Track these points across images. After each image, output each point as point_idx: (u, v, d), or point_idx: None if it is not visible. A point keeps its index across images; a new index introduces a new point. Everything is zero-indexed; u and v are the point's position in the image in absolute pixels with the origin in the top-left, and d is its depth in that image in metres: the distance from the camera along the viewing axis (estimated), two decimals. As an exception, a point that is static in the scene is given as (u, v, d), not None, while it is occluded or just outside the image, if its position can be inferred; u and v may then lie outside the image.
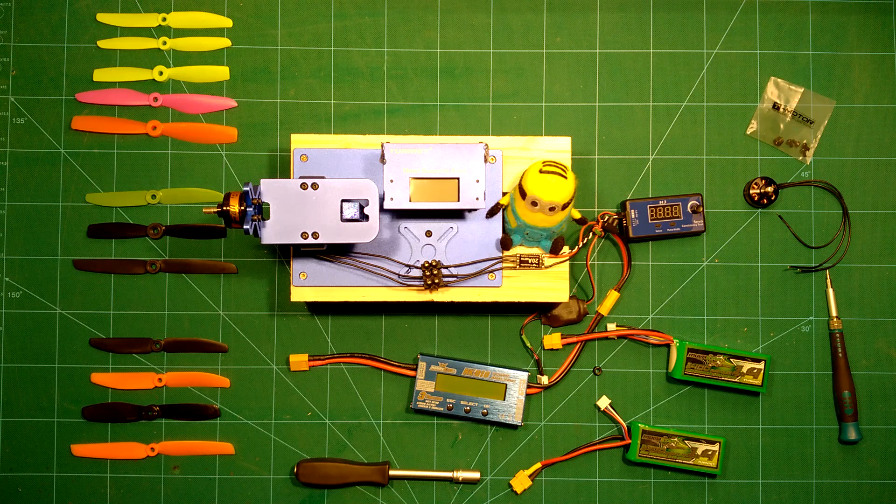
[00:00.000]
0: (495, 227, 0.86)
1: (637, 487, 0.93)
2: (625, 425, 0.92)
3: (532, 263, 0.86)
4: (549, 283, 0.86)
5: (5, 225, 0.94)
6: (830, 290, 0.94)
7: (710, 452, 0.92)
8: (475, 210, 0.85)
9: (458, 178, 0.81)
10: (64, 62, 0.94)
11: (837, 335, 0.93)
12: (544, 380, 0.93)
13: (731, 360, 0.92)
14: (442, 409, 0.91)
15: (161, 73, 0.94)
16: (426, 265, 0.84)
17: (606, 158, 0.95)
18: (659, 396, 0.94)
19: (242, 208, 0.77)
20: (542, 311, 0.93)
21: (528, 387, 0.92)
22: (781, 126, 0.95)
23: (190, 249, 0.94)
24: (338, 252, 0.85)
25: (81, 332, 0.93)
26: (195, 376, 0.93)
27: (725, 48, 0.95)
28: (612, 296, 0.93)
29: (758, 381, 0.92)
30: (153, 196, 0.94)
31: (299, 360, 0.92)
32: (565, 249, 0.86)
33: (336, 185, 0.79)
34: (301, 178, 0.80)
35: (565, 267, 0.87)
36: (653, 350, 0.94)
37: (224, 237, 0.94)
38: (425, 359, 0.91)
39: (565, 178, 0.81)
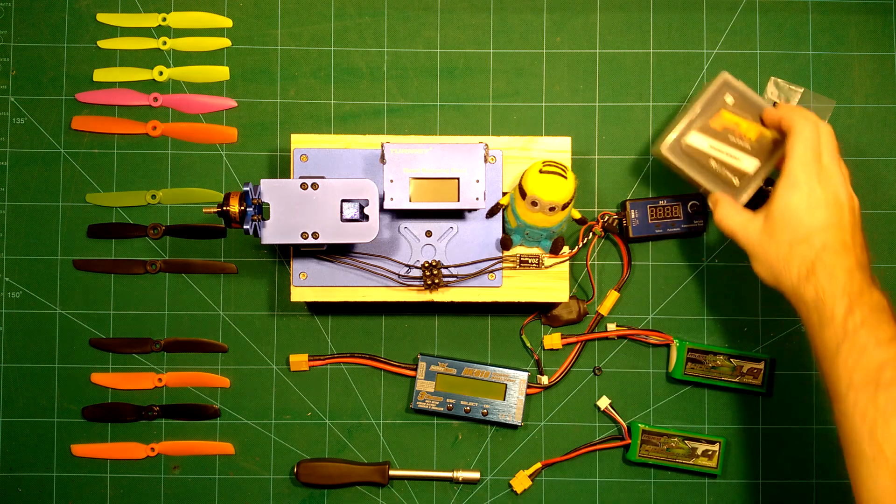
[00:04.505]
0: (495, 227, 0.86)
1: (637, 487, 0.93)
2: (625, 425, 0.92)
3: (532, 263, 0.86)
4: (549, 283, 0.86)
5: (5, 225, 0.94)
6: (830, 290, 0.94)
7: (710, 452, 0.92)
8: (475, 210, 0.85)
9: (458, 178, 0.81)
10: (64, 62, 0.94)
11: (837, 335, 0.93)
12: (544, 380, 0.93)
13: (731, 360, 0.92)
14: (442, 409, 0.91)
15: (161, 73, 0.94)
16: (426, 265, 0.84)
17: (606, 158, 0.95)
18: (659, 396, 0.94)
19: (242, 208, 0.77)
20: (542, 311, 0.94)
21: (528, 387, 0.92)
22: (781, 126, 0.94)
23: (190, 249, 0.94)
24: (338, 252, 0.85)
25: (81, 332, 0.93)
26: (195, 376, 0.93)
27: (725, 48, 0.95)
28: (612, 296, 0.93)
29: (758, 382, 0.92)
30: (153, 196, 0.94)
31: (299, 360, 0.92)
32: (565, 249, 0.86)
33: (336, 185, 0.79)
34: (301, 178, 0.80)
35: (565, 267, 0.87)
36: (653, 350, 0.94)
37: (224, 237, 0.94)
38: (425, 359, 0.92)
39: (565, 178, 0.81)
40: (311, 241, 0.79)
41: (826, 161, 0.76)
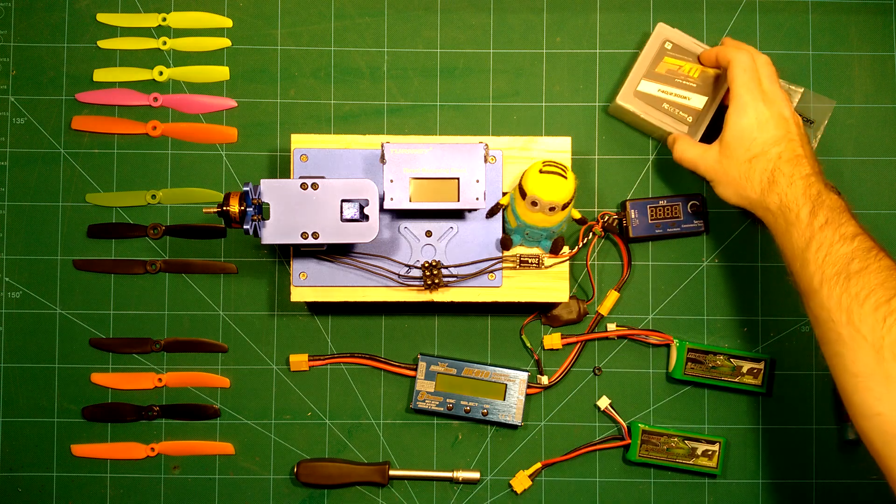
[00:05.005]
0: (495, 227, 0.86)
1: (637, 487, 0.93)
2: (625, 425, 0.92)
3: (532, 263, 0.86)
4: (549, 283, 0.86)
5: (5, 225, 0.94)
6: (830, 290, 0.94)
7: (710, 452, 0.92)
8: (475, 210, 0.85)
9: (458, 178, 0.81)
10: (64, 62, 0.94)
11: (837, 335, 0.93)
12: (544, 380, 0.93)
13: (731, 360, 0.92)
14: (442, 409, 0.91)
15: (161, 73, 0.94)
16: (426, 265, 0.84)
17: (606, 158, 0.95)
18: (659, 396, 0.94)
19: (242, 208, 0.77)
20: (542, 311, 0.94)
21: (528, 387, 0.92)
22: (781, 126, 0.95)
23: (190, 249, 0.94)
24: (338, 252, 0.85)
25: (81, 332, 0.93)
26: (195, 376, 0.93)
27: (725, 48, 0.95)
28: (612, 296, 0.93)
29: (758, 382, 0.92)
30: (153, 196, 0.94)
31: (299, 360, 0.92)
32: (565, 249, 0.86)
33: (336, 185, 0.79)
34: (301, 178, 0.80)
35: (565, 267, 0.87)
36: (653, 350, 0.94)
37: (224, 237, 0.94)
38: (425, 359, 0.92)
39: (565, 178, 0.81)
40: (311, 241, 0.79)
41: (767, 85, 0.83)
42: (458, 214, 0.86)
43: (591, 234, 0.92)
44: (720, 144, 0.83)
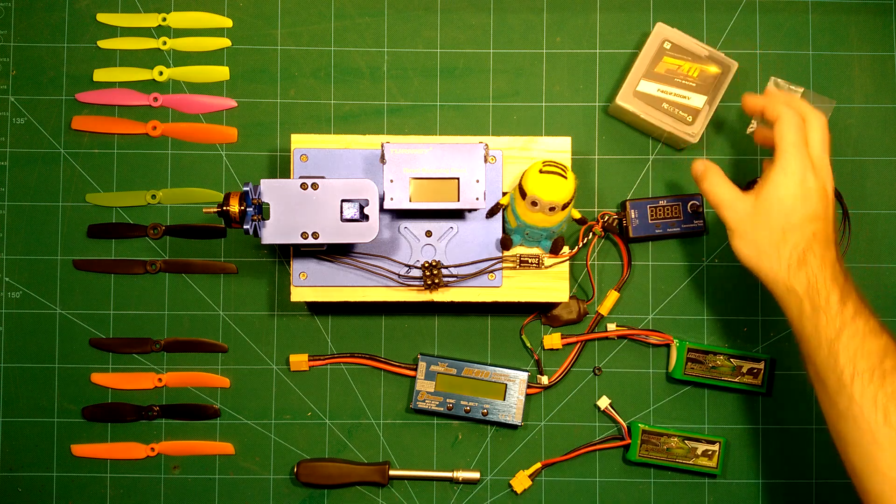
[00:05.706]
0: (495, 227, 0.86)
1: (637, 487, 0.93)
2: (625, 425, 0.92)
3: (532, 263, 0.86)
4: (549, 283, 0.86)
5: (5, 225, 0.94)
6: (830, 290, 0.94)
7: (710, 452, 0.92)
8: (475, 210, 0.85)
9: (458, 178, 0.81)
10: (64, 62, 0.94)
11: (837, 335, 0.93)
12: (544, 380, 0.93)
13: (732, 360, 0.92)
14: (442, 409, 0.91)
15: (161, 73, 0.94)
16: (426, 265, 0.84)
17: (606, 158, 0.95)
18: (659, 396, 0.94)
19: (242, 208, 0.77)
20: (542, 311, 0.93)
21: (528, 387, 0.92)
22: (781, 126, 0.95)
23: (190, 249, 0.94)
24: (338, 252, 0.85)
25: (81, 332, 0.93)
26: (195, 376, 0.93)
27: (725, 48, 0.95)
28: (612, 296, 0.93)
29: (758, 382, 0.92)
30: (153, 196, 0.94)
31: (299, 360, 0.92)
32: (565, 249, 0.86)
33: (336, 185, 0.79)
34: (301, 178, 0.80)
35: (565, 267, 0.87)
36: (653, 350, 0.94)
37: (224, 237, 0.94)
38: (425, 359, 0.92)
39: (565, 178, 0.81)
40: (311, 241, 0.79)
41: (817, 152, 0.77)
42: (458, 214, 0.86)
43: (591, 234, 0.92)
44: (756, 200, 0.77)
